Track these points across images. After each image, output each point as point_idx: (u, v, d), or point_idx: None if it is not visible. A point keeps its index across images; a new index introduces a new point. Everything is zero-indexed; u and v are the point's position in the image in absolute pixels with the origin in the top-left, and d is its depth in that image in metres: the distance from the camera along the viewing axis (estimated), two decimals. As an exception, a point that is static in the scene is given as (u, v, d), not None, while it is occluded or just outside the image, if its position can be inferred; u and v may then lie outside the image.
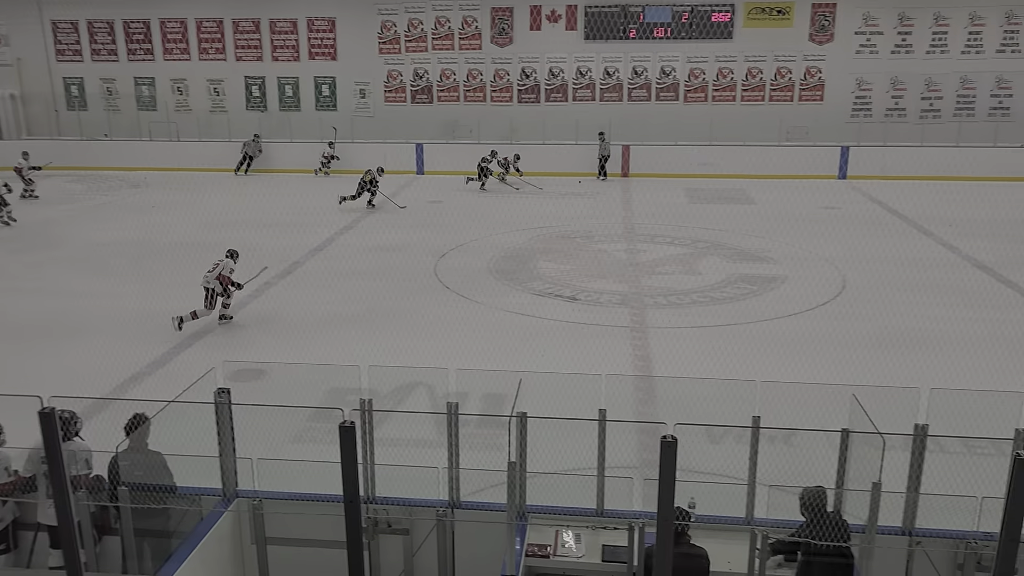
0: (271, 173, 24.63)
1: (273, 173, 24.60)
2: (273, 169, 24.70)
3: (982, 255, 15.09)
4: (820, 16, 24.15)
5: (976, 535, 5.08)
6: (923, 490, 5.24)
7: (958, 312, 12.31)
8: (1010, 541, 2.58)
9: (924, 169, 21.47)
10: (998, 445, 5.41)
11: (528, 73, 25.41)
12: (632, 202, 21.02)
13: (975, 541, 5.06)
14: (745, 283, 13.86)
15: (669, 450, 2.73)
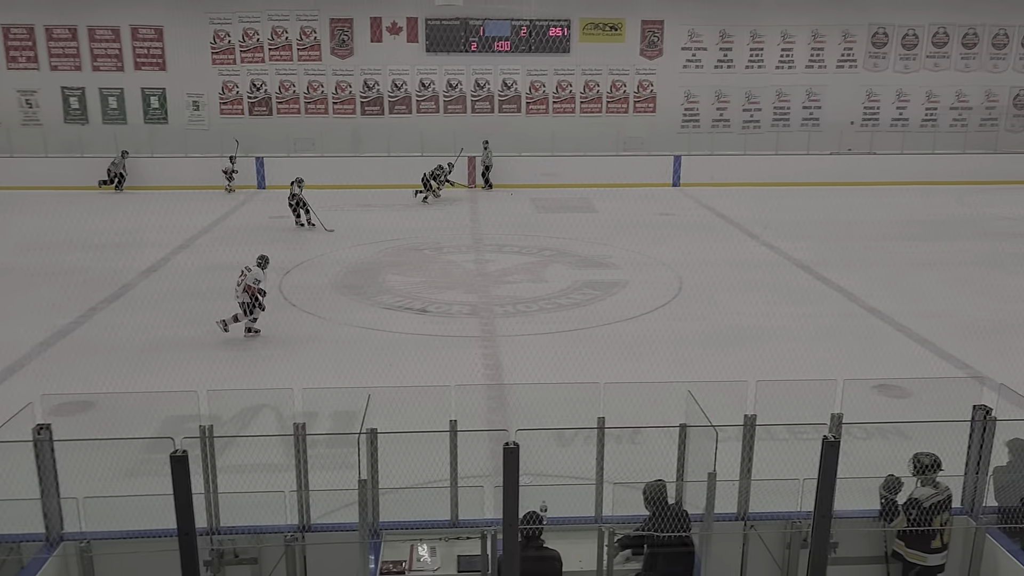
0: (151, 190, 23.04)
1: (153, 190, 23.01)
2: (152, 186, 23.15)
3: (800, 255, 16.32)
4: (650, 32, 25.38)
5: (800, 515, 5.46)
6: (754, 477, 5.58)
7: (781, 308, 13.26)
8: (822, 517, 2.80)
9: (747, 176, 23.02)
10: (818, 429, 5.84)
11: (371, 85, 25.18)
12: (480, 213, 21.24)
13: (799, 521, 5.44)
14: (589, 289, 14.31)
15: (512, 456, 2.77)
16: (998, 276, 15.13)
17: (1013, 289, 14.36)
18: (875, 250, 16.92)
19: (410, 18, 24.60)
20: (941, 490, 5.62)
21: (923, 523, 5.47)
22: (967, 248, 17.24)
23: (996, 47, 26.23)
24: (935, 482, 5.65)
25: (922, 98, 26.32)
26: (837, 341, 11.72)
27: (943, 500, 5.60)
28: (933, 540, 5.54)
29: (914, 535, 5.54)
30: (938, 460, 5.67)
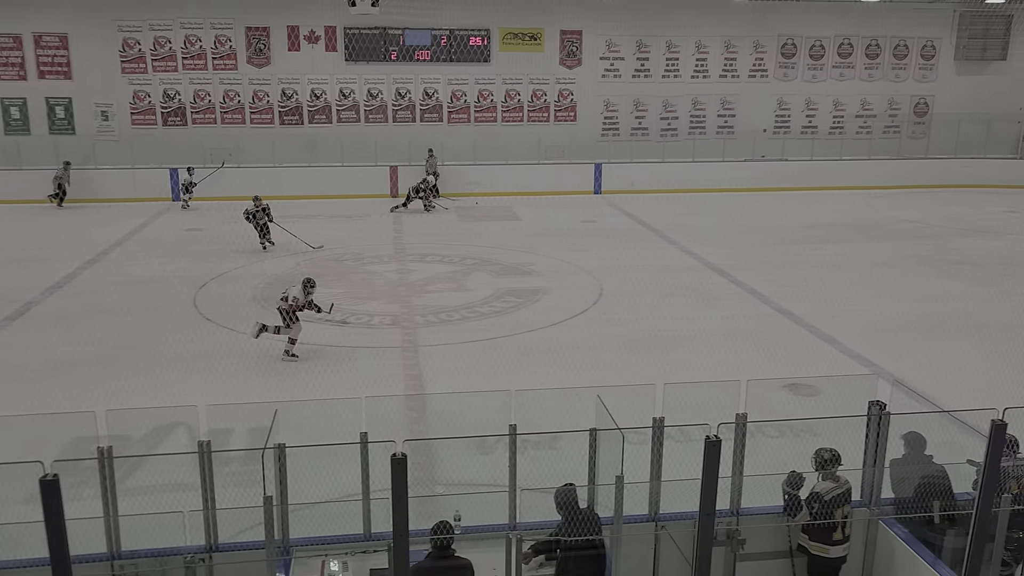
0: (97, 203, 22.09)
1: (97, 203, 22.07)
2: (95, 199, 22.23)
3: (716, 259, 16.73)
4: (568, 42, 25.71)
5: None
6: (665, 478, 5.70)
7: (699, 312, 13.57)
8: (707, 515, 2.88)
9: (666, 183, 23.51)
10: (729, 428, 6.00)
11: (289, 94, 24.80)
12: (402, 222, 21.12)
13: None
14: (512, 296, 14.37)
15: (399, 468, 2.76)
16: (901, 276, 15.81)
17: (914, 289, 15.03)
18: (787, 253, 17.48)
19: (328, 27, 24.35)
20: (841, 483, 5.84)
21: (825, 516, 5.67)
22: (873, 250, 17.97)
23: (897, 58, 27.47)
24: (835, 476, 5.86)
25: (829, 106, 27.37)
26: (751, 342, 12.04)
27: (843, 493, 5.81)
28: (834, 532, 5.74)
29: (817, 528, 5.74)
30: (837, 455, 5.89)
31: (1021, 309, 13.73)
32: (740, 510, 5.84)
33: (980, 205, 23.16)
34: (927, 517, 5.78)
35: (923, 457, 6.18)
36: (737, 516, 5.71)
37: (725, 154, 25.80)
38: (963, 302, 14.22)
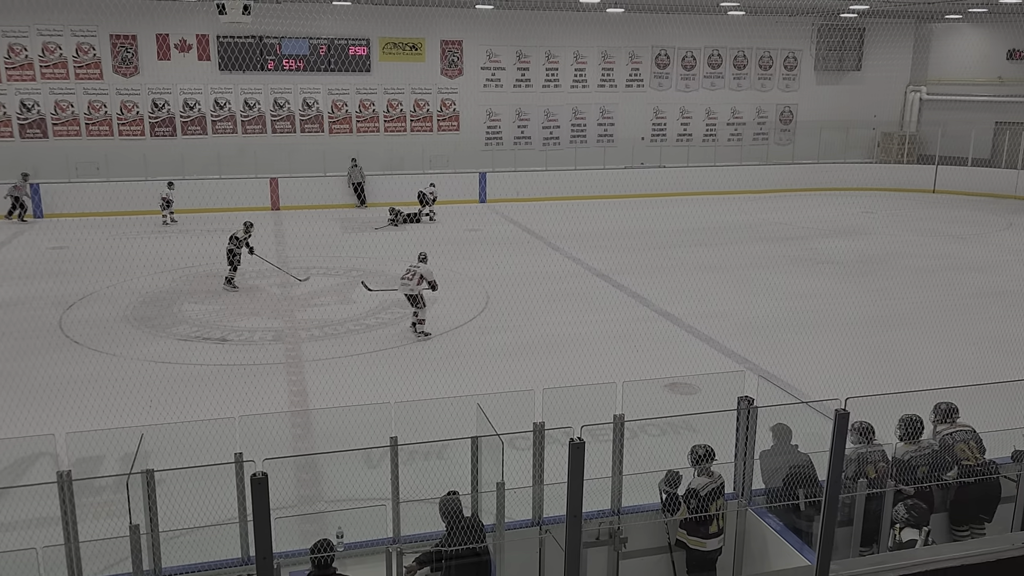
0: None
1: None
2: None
3: (598, 264, 17.12)
4: (449, 52, 25.80)
5: (592, 515, 5.72)
6: (547, 481, 5.78)
7: (582, 316, 13.85)
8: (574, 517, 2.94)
9: (549, 191, 23.91)
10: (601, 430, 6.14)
11: (160, 105, 23.82)
12: (284, 235, 20.62)
13: (589, 520, 5.69)
14: (398, 307, 14.24)
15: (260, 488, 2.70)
16: (772, 276, 16.60)
17: (784, 287, 15.82)
18: (666, 257, 18.08)
19: (200, 35, 23.55)
20: (715, 478, 6.07)
21: (701, 511, 5.89)
22: (746, 252, 18.80)
23: (762, 68, 28.93)
24: (710, 471, 6.09)
25: (702, 115, 28.53)
26: (633, 344, 12.39)
27: (718, 487, 6.04)
28: (710, 526, 5.97)
29: (694, 523, 5.95)
30: (711, 450, 6.12)
31: (878, 304, 14.69)
32: (621, 509, 5.98)
33: (841, 207, 24.62)
34: (795, 505, 6.08)
35: (789, 447, 6.49)
36: (618, 515, 5.85)
37: (606, 162, 26.46)
38: (828, 299, 15.06)
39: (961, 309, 14.48)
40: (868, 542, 5.99)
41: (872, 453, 6.14)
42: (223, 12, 14.34)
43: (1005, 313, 14.22)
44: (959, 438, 6.62)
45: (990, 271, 17.24)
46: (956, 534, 6.43)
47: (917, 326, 13.53)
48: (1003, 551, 3.82)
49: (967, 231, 21.41)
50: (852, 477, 5.99)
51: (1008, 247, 19.77)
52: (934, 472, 6.34)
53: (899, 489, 6.06)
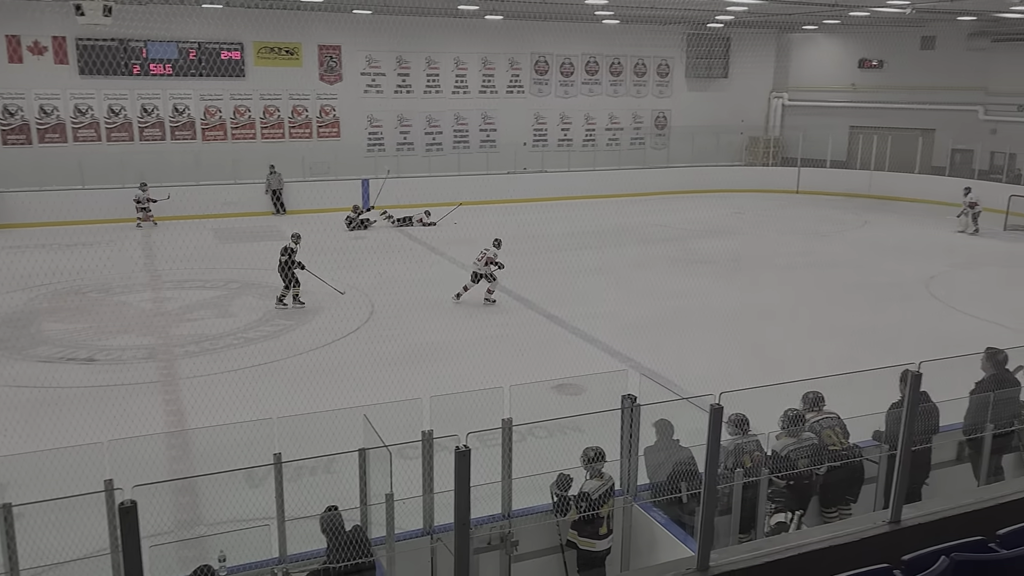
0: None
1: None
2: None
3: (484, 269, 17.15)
4: (327, 57, 25.35)
5: (482, 520, 5.73)
6: (437, 489, 5.74)
7: (469, 322, 13.88)
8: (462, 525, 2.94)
9: (433, 196, 23.81)
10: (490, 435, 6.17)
11: (13, 111, 22.31)
12: (155, 247, 19.70)
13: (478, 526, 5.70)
14: (280, 319, 13.88)
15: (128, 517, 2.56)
16: (652, 276, 17.11)
17: (664, 287, 16.33)
18: (550, 260, 18.32)
19: (56, 37, 22.19)
20: (606, 480, 6.18)
21: (592, 513, 5.99)
22: (626, 253, 19.32)
23: (637, 75, 29.85)
24: (601, 473, 6.20)
25: (582, 120, 29.16)
26: (520, 348, 12.50)
27: (609, 489, 6.16)
28: (600, 527, 6.08)
29: (584, 524, 6.05)
30: (601, 452, 6.24)
31: (749, 300, 15.39)
32: (512, 512, 6.02)
33: (713, 208, 25.66)
34: (679, 499, 6.28)
35: (671, 442, 6.70)
36: (509, 519, 5.88)
37: (489, 167, 26.62)
38: (704, 297, 15.65)
39: (825, 303, 15.38)
40: (746, 528, 6.26)
41: (748, 443, 6.41)
42: (81, 13, 13.54)
43: (864, 305, 15.19)
44: (826, 425, 7.01)
45: (849, 266, 18.38)
46: (826, 516, 6.80)
47: (785, 320, 14.26)
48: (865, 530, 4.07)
49: (828, 229, 22.76)
50: (731, 468, 6.25)
51: (864, 243, 21.13)
52: (814, 463, 6.68)
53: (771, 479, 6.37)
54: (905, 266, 18.34)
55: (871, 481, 6.96)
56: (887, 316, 14.59)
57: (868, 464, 7.01)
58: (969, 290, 16.61)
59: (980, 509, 4.48)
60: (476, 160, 26.89)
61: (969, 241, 21.44)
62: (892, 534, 4.15)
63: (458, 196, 23.58)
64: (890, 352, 9.74)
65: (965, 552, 3.55)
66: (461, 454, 2.79)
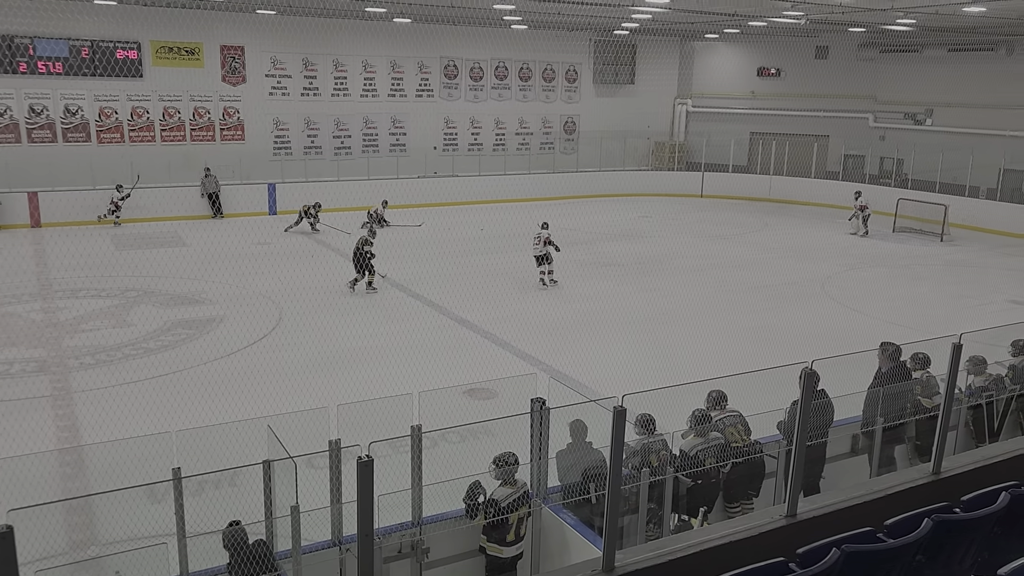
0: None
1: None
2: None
3: (394, 274, 17.02)
4: (230, 58, 24.66)
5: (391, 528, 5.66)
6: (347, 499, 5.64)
7: (381, 328, 13.72)
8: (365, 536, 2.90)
9: (343, 201, 23.45)
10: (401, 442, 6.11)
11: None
12: (47, 255, 18.76)
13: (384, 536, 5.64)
14: (182, 328, 13.41)
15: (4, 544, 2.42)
16: (563, 280, 17.30)
17: (574, 290, 16.57)
18: (462, 265, 18.32)
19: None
20: (518, 487, 6.19)
21: (502, 520, 5.99)
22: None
23: (546, 80, 30.16)
24: (513, 480, 6.21)
25: (492, 125, 29.26)
26: (431, 353, 12.44)
27: (520, 496, 6.17)
28: (508, 534, 6.08)
29: (492, 530, 6.05)
30: (514, 457, 6.25)
31: (656, 302, 15.76)
32: (423, 519, 5.97)
33: (621, 212, 26.15)
34: (588, 500, 6.35)
35: (584, 444, 6.78)
36: (419, 526, 5.83)
37: (399, 171, 26.40)
38: (612, 299, 15.94)
39: (727, 304, 15.86)
40: (654, 527, 6.38)
41: (654, 443, 6.55)
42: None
43: (764, 305, 15.75)
44: (728, 422, 7.22)
45: (750, 268, 19.03)
46: (729, 512, 7.00)
47: (690, 321, 14.65)
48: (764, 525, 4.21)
49: (730, 232, 23.50)
50: (638, 467, 6.36)
51: (764, 245, 21.92)
52: (721, 461, 6.87)
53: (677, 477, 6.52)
54: (803, 267, 19.11)
55: (771, 476, 7.21)
56: (786, 315, 15.16)
57: (768, 460, 7.25)
58: (862, 289, 17.44)
59: (870, 500, 4.70)
60: (386, 164, 26.64)
61: (861, 243, 22.51)
62: (789, 527, 4.31)
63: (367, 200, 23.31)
64: (790, 350, 10.12)
65: (855, 544, 3.71)
66: (364, 465, 2.75)
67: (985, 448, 6.59)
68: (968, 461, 5.57)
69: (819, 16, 21.38)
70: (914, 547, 3.87)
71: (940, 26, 23.76)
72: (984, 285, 18.03)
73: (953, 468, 5.36)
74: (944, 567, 4.11)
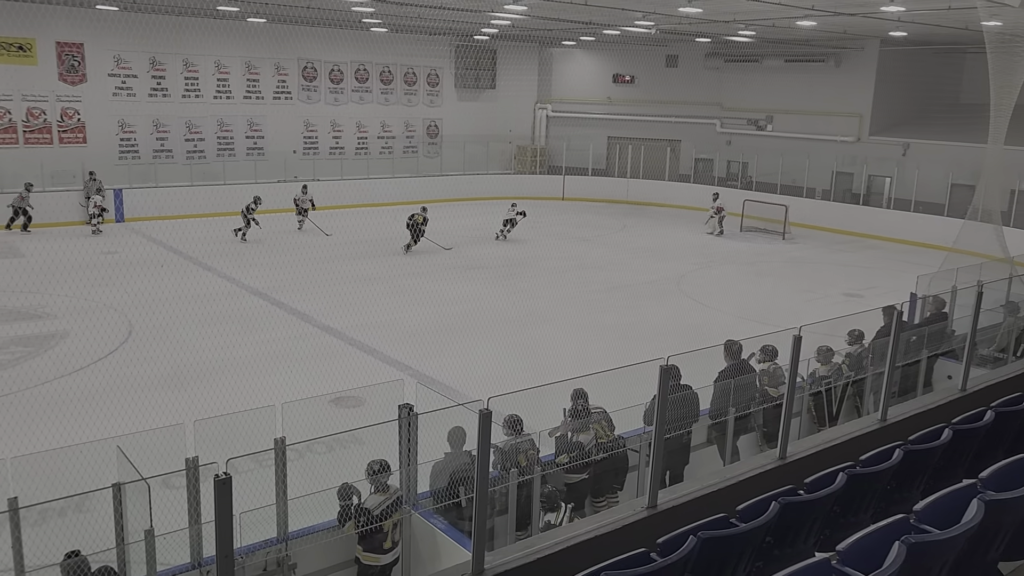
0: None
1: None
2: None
3: (254, 282, 16.49)
4: (68, 56, 23.08)
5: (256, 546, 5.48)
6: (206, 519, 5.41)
7: (240, 338, 13.22)
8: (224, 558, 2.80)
9: (197, 207, 22.44)
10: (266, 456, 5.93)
11: None
12: None
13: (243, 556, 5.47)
14: (18, 346, 12.45)
15: None
16: (429, 284, 17.27)
17: (441, 294, 16.55)
18: (325, 271, 17.92)
19: None
20: (390, 494, 6.13)
21: (375, 528, 5.91)
22: (402, 261, 19.36)
23: (408, 84, 30.01)
24: (386, 486, 6.14)
25: (353, 128, 28.81)
26: (295, 363, 12.11)
27: (393, 503, 6.11)
28: (384, 542, 6.02)
29: (367, 539, 5.96)
30: (385, 464, 6.18)
31: (522, 304, 15.99)
32: (290, 534, 5.81)
33: (485, 215, 26.29)
34: (458, 503, 6.37)
35: (463, 452, 6.77)
36: (286, 541, 5.68)
37: (257, 176, 25.53)
38: (479, 302, 16.05)
39: (590, 303, 16.32)
40: (523, 526, 6.48)
41: (522, 443, 6.65)
42: None
43: (625, 304, 16.31)
44: (593, 419, 7.43)
45: (611, 268, 19.66)
46: (596, 506, 7.21)
47: (556, 321, 14.96)
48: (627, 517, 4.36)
49: (591, 234, 24.18)
50: (507, 469, 6.44)
51: (624, 246, 22.69)
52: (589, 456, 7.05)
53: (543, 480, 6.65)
54: (660, 266, 19.92)
55: (634, 469, 7.48)
56: (646, 313, 15.75)
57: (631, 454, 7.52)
58: (715, 286, 18.37)
59: (724, 488, 4.96)
60: (243, 168, 25.69)
61: (713, 242, 23.70)
62: (651, 519, 4.48)
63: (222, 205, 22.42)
64: (650, 346, 10.52)
65: (710, 530, 3.90)
66: (221, 483, 2.65)
67: (825, 432, 7.10)
68: (810, 445, 5.97)
69: (668, 26, 22.35)
70: (763, 530, 4.12)
71: (777, 38, 25.41)
72: (821, 279, 19.39)
73: (797, 453, 5.74)
74: (791, 546, 4.39)
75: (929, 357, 9.70)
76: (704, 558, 3.83)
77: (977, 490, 3.95)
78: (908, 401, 7.42)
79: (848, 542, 3.50)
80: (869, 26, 20.63)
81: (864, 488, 4.71)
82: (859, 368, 9.28)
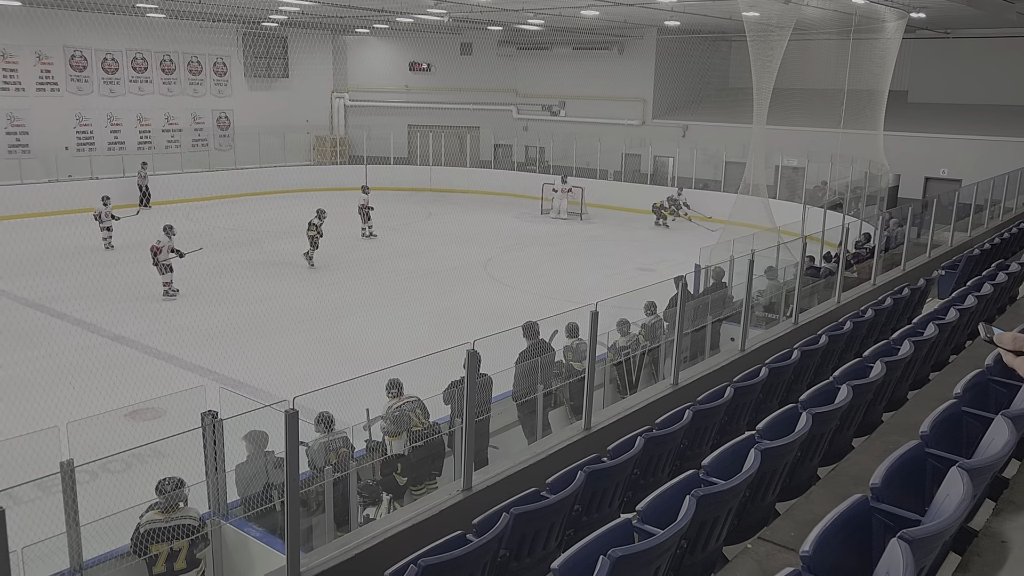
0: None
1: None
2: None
3: (28, 293, 15.01)
4: None
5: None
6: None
7: (16, 355, 12.01)
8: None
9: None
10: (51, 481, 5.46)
11: None
12: None
13: None
14: None
15: None
16: (230, 283, 16.48)
17: (244, 293, 15.83)
18: (107, 275, 16.51)
19: None
20: (174, 517, 5.80)
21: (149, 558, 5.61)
22: (199, 260, 18.25)
23: (193, 73, 28.32)
24: (176, 506, 5.82)
25: (134, 121, 26.80)
26: (82, 378, 11.14)
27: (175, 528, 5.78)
28: (176, 562, 5.72)
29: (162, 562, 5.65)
30: (177, 481, 5.86)
31: (330, 298, 15.68)
32: (85, 564, 5.40)
33: (286, 209, 25.40)
34: (273, 508, 6.19)
35: (265, 455, 6.56)
36: (82, 572, 5.27)
37: (23, 176, 23.14)
38: (285, 299, 15.55)
39: (400, 292, 16.27)
40: (342, 523, 6.41)
41: (334, 440, 6.56)
42: None
43: (435, 291, 16.42)
44: (408, 408, 7.46)
45: (418, 256, 19.70)
46: (415, 494, 7.25)
47: (365, 313, 14.80)
48: (444, 502, 4.44)
49: (397, 223, 24.06)
50: (320, 468, 6.33)
51: (430, 233, 22.80)
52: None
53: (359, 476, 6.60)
54: (466, 252, 20.20)
55: (450, 454, 7.59)
56: (455, 299, 15.95)
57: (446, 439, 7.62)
58: (520, 268, 18.91)
59: (535, 463, 5.16)
60: (7, 168, 23.20)
61: (514, 224, 24.36)
62: (466, 501, 4.58)
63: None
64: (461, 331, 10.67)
65: (522, 505, 4.06)
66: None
67: (626, 400, 7.55)
68: (612, 414, 6.34)
69: (460, 15, 22.60)
70: (571, 499, 4.33)
71: (565, 27, 26.42)
72: (618, 256, 20.48)
73: (601, 422, 6.08)
74: (597, 511, 4.65)
75: (714, 322, 10.56)
76: (517, 533, 3.97)
77: (755, 440, 4.36)
78: (697, 364, 8.05)
79: (646, 501, 3.77)
80: (646, 16, 21.94)
81: (660, 449, 5.07)
82: (654, 337, 9.94)
